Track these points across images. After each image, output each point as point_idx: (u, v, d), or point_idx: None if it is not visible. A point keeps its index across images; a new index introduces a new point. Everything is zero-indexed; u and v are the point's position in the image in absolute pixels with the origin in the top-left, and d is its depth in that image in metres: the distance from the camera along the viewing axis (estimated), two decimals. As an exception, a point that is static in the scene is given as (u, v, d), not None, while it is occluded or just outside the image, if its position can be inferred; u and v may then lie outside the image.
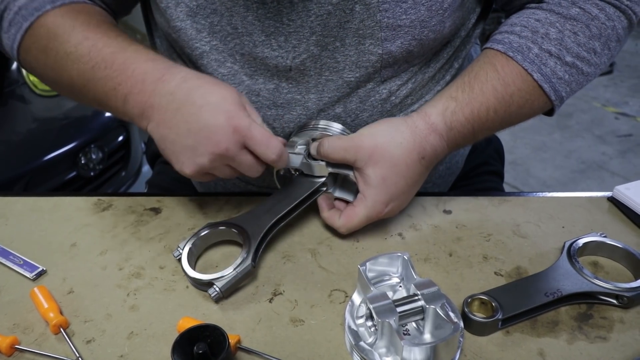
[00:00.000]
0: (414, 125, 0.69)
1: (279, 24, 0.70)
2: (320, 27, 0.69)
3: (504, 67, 0.69)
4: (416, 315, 0.55)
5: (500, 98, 0.69)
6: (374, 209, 0.68)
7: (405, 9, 0.68)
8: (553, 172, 2.79)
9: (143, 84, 0.64)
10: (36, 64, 0.74)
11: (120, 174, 2.07)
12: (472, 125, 0.70)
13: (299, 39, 0.71)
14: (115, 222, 0.76)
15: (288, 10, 0.69)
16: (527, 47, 0.69)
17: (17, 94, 1.95)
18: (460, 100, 0.69)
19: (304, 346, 0.57)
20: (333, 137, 0.71)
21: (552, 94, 0.70)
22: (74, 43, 0.68)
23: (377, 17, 0.68)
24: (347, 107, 0.76)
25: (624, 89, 3.60)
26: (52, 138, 1.83)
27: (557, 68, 0.69)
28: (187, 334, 0.52)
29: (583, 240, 0.67)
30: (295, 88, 0.75)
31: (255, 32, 0.71)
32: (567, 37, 0.69)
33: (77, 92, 0.71)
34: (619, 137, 3.09)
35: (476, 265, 0.67)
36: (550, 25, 0.69)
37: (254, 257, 0.64)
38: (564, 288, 0.60)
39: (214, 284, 0.62)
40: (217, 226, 0.69)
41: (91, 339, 0.59)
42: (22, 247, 0.71)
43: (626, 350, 0.56)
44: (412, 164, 0.68)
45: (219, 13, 0.70)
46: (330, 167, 0.71)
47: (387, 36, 0.69)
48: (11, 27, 0.73)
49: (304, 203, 0.72)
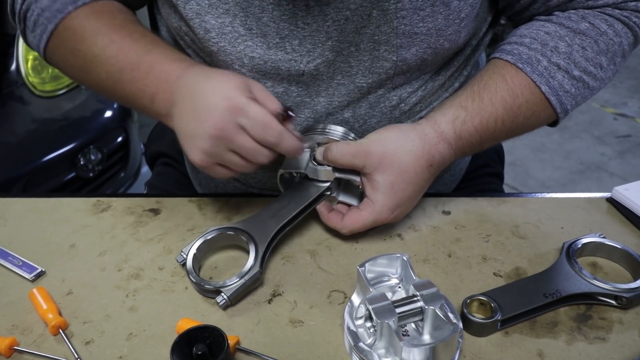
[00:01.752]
0: (424, 132, 0.69)
1: (293, 26, 0.69)
2: (337, 32, 0.69)
3: (513, 79, 0.70)
4: (415, 316, 0.55)
5: (508, 109, 0.70)
6: (381, 215, 0.68)
7: (423, 17, 0.67)
8: (552, 173, 2.79)
9: (167, 84, 0.66)
10: (64, 64, 0.77)
11: (119, 175, 2.07)
12: (480, 135, 0.70)
13: (314, 43, 0.70)
14: (114, 223, 0.76)
15: (304, 13, 0.68)
16: (536, 60, 0.70)
17: (16, 94, 1.95)
18: (470, 110, 0.70)
19: (303, 347, 0.57)
20: (341, 143, 0.70)
21: (558, 107, 0.71)
22: (100, 46, 0.70)
23: (393, 24, 0.67)
24: (356, 112, 0.76)
25: (623, 90, 3.60)
26: (51, 139, 1.82)
27: (565, 81, 0.70)
28: (186, 335, 0.52)
29: (582, 241, 0.67)
30: (305, 91, 0.74)
31: (270, 33, 0.70)
32: (575, 51, 0.70)
33: (106, 91, 0.74)
34: (617, 138, 3.09)
35: (475, 266, 0.67)
36: (560, 39, 0.70)
37: (261, 263, 0.64)
38: (563, 289, 0.60)
39: (222, 291, 0.61)
40: (224, 230, 0.68)
41: (90, 340, 0.59)
42: (21, 248, 0.71)
43: (625, 351, 0.56)
44: (420, 171, 0.68)
45: (232, 13, 0.69)
46: (337, 172, 0.71)
47: (402, 43, 0.69)
48: (36, 27, 0.74)
49: (309, 208, 0.72)
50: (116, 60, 0.69)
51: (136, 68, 0.68)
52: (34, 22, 0.74)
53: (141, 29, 0.72)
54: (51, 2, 0.73)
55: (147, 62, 0.67)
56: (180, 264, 0.67)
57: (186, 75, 0.65)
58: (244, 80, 0.64)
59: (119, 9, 0.75)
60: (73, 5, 0.72)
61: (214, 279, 0.66)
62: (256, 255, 0.65)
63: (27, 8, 0.74)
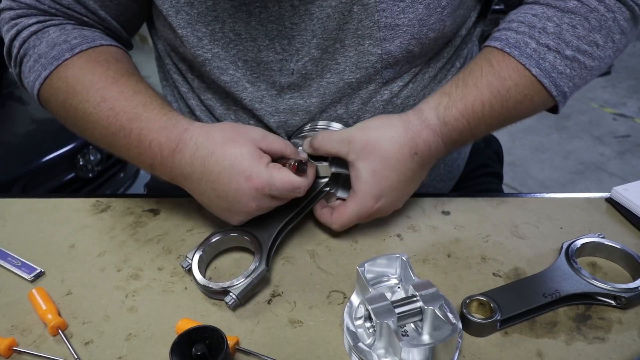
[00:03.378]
0: (408, 120, 0.68)
1: (281, 27, 0.70)
2: (320, 29, 0.70)
3: (499, 63, 0.68)
4: (415, 316, 0.55)
5: (495, 92, 0.67)
6: (365, 204, 0.68)
7: (403, 8, 0.68)
8: (551, 173, 2.80)
9: (162, 157, 0.66)
10: (57, 115, 0.76)
11: (119, 176, 2.07)
12: (467, 121, 0.68)
13: (302, 42, 0.71)
14: (113, 224, 0.76)
15: (290, 13, 0.69)
16: (524, 43, 0.67)
17: (15, 95, 1.95)
18: (454, 95, 0.68)
19: (303, 347, 0.57)
20: (326, 131, 0.71)
21: (554, 90, 0.68)
22: (92, 104, 0.69)
23: (375, 17, 0.68)
24: (349, 108, 0.76)
25: (622, 90, 3.61)
26: (51, 139, 1.82)
27: (557, 62, 0.67)
28: (185, 336, 0.52)
29: (581, 241, 0.67)
30: (298, 93, 0.75)
31: (259, 36, 0.71)
32: (565, 30, 0.67)
33: (105, 149, 0.74)
34: (617, 138, 3.09)
35: (475, 266, 0.67)
36: (547, 19, 0.68)
37: (266, 261, 0.64)
38: (562, 289, 0.60)
39: (230, 291, 0.61)
40: (227, 233, 0.68)
41: (89, 341, 0.59)
42: (20, 249, 0.71)
43: (624, 351, 0.56)
44: (403, 159, 0.67)
45: (221, 20, 0.70)
46: (333, 167, 0.71)
47: (385, 36, 0.69)
48: (30, 73, 0.74)
49: (309, 205, 0.72)
50: (108, 123, 0.68)
51: (127, 135, 0.67)
52: (29, 68, 0.73)
53: (134, 82, 0.71)
54: (49, 48, 0.72)
55: (137, 131, 0.66)
56: (186, 269, 0.66)
57: (183, 151, 0.64)
58: (249, 143, 0.64)
59: (115, 57, 0.74)
60: (70, 52, 0.71)
61: (215, 280, 0.65)
62: (261, 253, 0.65)
63: (24, 54, 0.74)
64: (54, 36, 0.73)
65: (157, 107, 0.68)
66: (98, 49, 0.73)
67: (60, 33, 0.73)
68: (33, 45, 0.73)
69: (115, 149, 0.71)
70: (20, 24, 0.74)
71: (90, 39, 0.73)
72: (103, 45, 0.74)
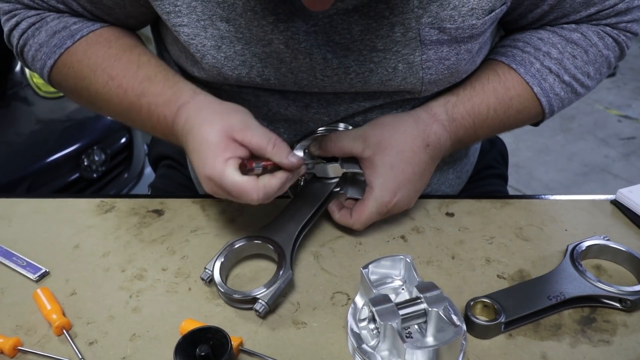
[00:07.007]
0: (417, 116, 0.71)
1: (312, 77, 0.68)
2: (360, 84, 0.69)
3: (505, 74, 0.73)
4: (419, 318, 0.55)
5: (500, 98, 0.72)
6: (383, 199, 0.68)
7: (448, 66, 0.68)
8: (556, 175, 2.79)
9: (168, 129, 0.67)
10: (71, 98, 0.79)
11: (123, 176, 2.07)
12: (473, 120, 0.72)
13: (339, 102, 0.73)
14: (118, 224, 0.76)
15: (322, 66, 0.67)
16: (529, 62, 0.72)
17: (20, 95, 1.95)
18: (462, 95, 0.72)
19: (306, 349, 0.57)
20: (338, 132, 0.72)
21: (547, 108, 0.74)
22: (101, 83, 0.70)
23: (419, 75, 0.68)
24: (368, 117, 0.76)
25: (627, 92, 3.59)
26: (55, 140, 1.83)
27: (555, 85, 0.73)
28: (189, 336, 0.52)
29: (586, 244, 0.67)
30: (325, 109, 0.75)
31: (281, 102, 0.73)
32: (566, 58, 0.73)
33: (123, 122, 0.76)
34: (622, 139, 3.08)
35: (479, 268, 0.67)
36: (552, 45, 0.73)
37: (290, 265, 0.64)
38: (567, 291, 0.60)
39: (259, 299, 0.60)
40: (250, 240, 0.67)
41: (94, 341, 0.59)
42: (25, 249, 0.71)
43: (630, 354, 0.56)
44: (417, 150, 0.69)
45: (248, 65, 0.68)
46: (344, 167, 0.72)
47: (427, 89, 0.71)
48: (35, 62, 0.75)
49: (323, 206, 0.72)
50: (119, 100, 0.70)
51: (139, 111, 0.69)
52: (32, 57, 0.74)
53: (136, 56, 0.71)
54: (48, 37, 0.72)
55: (146, 106, 0.68)
56: (207, 280, 0.64)
57: (178, 123, 0.65)
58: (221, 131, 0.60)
59: (115, 35, 0.74)
60: (71, 40, 0.72)
61: (237, 288, 0.63)
62: (284, 259, 0.64)
63: (24, 43, 0.74)
64: (53, 24, 0.73)
65: (162, 79, 0.69)
66: (98, 31, 0.74)
67: (59, 21, 0.73)
68: (32, 34, 0.73)
69: (132, 123, 0.73)
70: (19, 15, 0.74)
71: (90, 23, 0.74)
72: (103, 27, 0.75)
